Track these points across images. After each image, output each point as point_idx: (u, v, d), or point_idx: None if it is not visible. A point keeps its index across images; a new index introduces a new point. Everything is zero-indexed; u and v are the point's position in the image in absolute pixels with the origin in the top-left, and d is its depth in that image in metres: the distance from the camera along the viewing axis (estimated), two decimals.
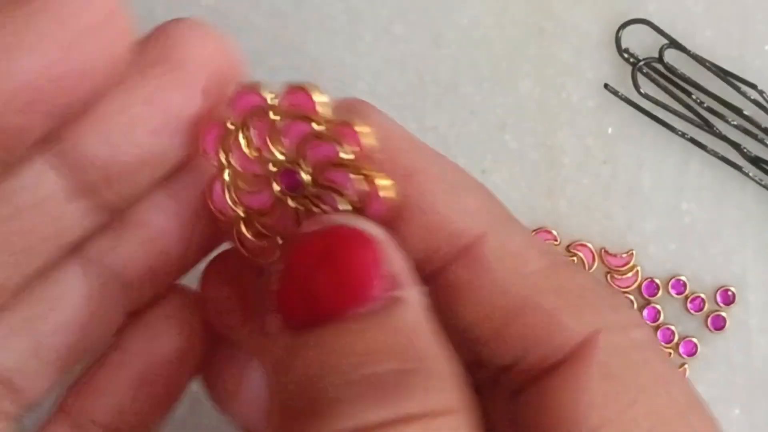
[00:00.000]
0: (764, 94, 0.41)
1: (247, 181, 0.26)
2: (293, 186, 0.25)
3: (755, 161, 0.42)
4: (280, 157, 0.25)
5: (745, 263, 0.42)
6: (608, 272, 0.42)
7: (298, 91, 0.25)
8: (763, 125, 0.42)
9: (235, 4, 0.42)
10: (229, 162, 0.26)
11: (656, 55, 0.41)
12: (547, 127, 0.42)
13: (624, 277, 0.42)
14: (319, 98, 0.25)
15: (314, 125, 0.25)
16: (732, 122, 0.41)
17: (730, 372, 0.43)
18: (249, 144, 0.25)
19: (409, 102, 0.42)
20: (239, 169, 0.26)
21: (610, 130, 0.42)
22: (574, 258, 0.42)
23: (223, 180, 0.26)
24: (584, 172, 0.42)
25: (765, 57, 0.42)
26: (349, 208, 0.25)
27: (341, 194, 0.25)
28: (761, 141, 0.42)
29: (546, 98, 0.42)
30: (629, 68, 0.42)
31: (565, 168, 0.42)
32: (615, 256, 0.42)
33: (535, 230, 0.42)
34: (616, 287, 0.42)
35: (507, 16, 0.42)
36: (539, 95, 0.42)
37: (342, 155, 0.24)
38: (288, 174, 0.25)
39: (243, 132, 0.26)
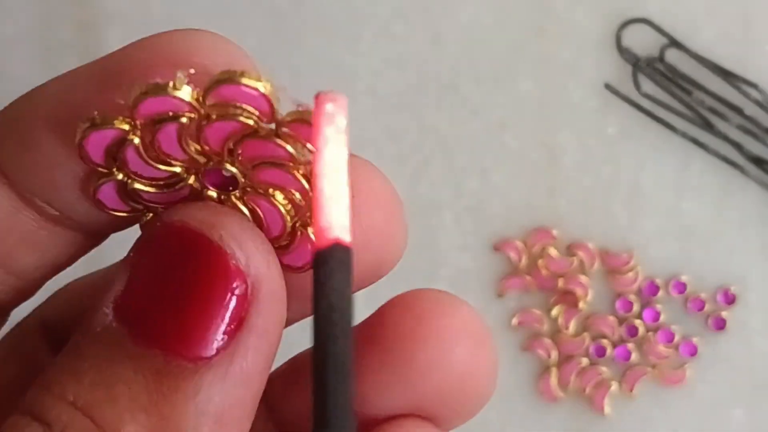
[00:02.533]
0: (765, 94, 0.41)
1: (146, 185, 0.20)
2: (218, 186, 0.20)
3: (756, 161, 0.42)
4: (199, 157, 0.19)
5: (746, 263, 0.42)
6: (608, 272, 0.42)
7: (228, 82, 0.19)
8: (764, 125, 0.41)
9: (235, 4, 0.42)
10: (121, 164, 0.20)
11: (657, 54, 0.41)
12: (547, 127, 0.42)
13: (624, 277, 0.42)
14: (270, 95, 0.19)
15: (252, 122, 0.19)
16: (733, 122, 0.41)
17: (731, 372, 0.43)
18: (147, 149, 0.19)
19: (409, 102, 0.42)
20: (134, 171, 0.20)
21: (610, 130, 0.42)
22: (574, 258, 0.42)
23: (116, 181, 0.20)
24: (584, 171, 0.42)
25: (766, 56, 0.42)
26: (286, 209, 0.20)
27: (282, 192, 0.20)
28: (762, 141, 0.41)
29: (546, 98, 0.42)
30: (630, 68, 0.41)
31: (566, 168, 0.42)
32: (615, 256, 0.42)
33: (535, 230, 0.42)
34: (616, 287, 0.42)
35: (507, 15, 0.42)
36: (539, 95, 0.42)
37: (294, 156, 0.19)
38: (212, 174, 0.20)
39: (137, 134, 0.19)
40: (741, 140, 0.41)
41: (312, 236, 0.20)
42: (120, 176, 0.20)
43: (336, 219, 0.18)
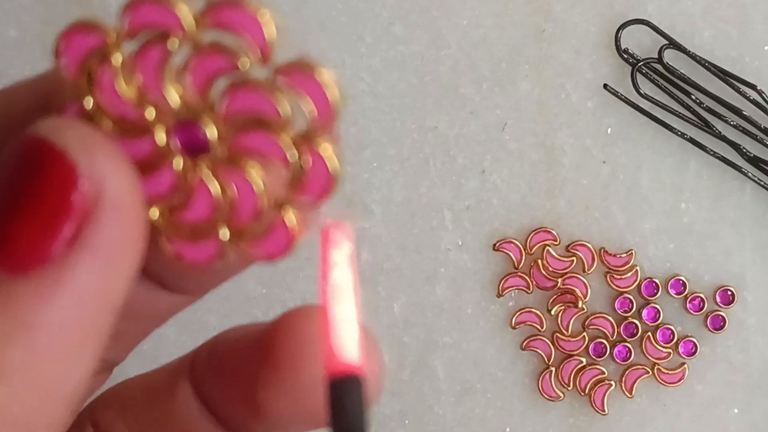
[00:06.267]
0: (763, 95, 0.41)
1: (118, 125, 0.18)
2: (191, 144, 0.18)
3: (754, 161, 0.42)
4: (174, 100, 0.18)
5: (744, 263, 0.42)
6: (607, 272, 0.42)
7: (231, 6, 0.17)
8: (762, 125, 0.42)
9: None
10: (93, 87, 0.18)
11: (655, 55, 0.42)
12: (547, 127, 0.42)
13: (623, 277, 0.42)
14: (267, 24, 0.18)
15: (243, 62, 0.17)
16: (731, 122, 0.41)
17: (729, 371, 0.43)
18: (127, 75, 0.17)
19: (409, 102, 0.42)
20: (104, 106, 0.18)
21: (609, 131, 0.42)
22: (573, 258, 0.42)
23: (81, 108, 0.18)
24: (583, 172, 0.42)
25: (764, 57, 0.42)
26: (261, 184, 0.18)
27: (261, 164, 0.18)
28: (760, 141, 0.42)
29: (545, 98, 0.42)
30: (629, 68, 0.42)
31: (565, 168, 0.42)
32: (614, 255, 0.42)
33: (534, 230, 0.42)
34: (616, 287, 0.42)
35: (507, 16, 0.42)
36: (539, 95, 0.42)
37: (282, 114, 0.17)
38: (186, 128, 0.18)
39: (120, 53, 0.17)
40: (739, 141, 0.42)
41: (290, 222, 0.18)
42: (90, 102, 0.18)
43: (346, 341, 0.18)
